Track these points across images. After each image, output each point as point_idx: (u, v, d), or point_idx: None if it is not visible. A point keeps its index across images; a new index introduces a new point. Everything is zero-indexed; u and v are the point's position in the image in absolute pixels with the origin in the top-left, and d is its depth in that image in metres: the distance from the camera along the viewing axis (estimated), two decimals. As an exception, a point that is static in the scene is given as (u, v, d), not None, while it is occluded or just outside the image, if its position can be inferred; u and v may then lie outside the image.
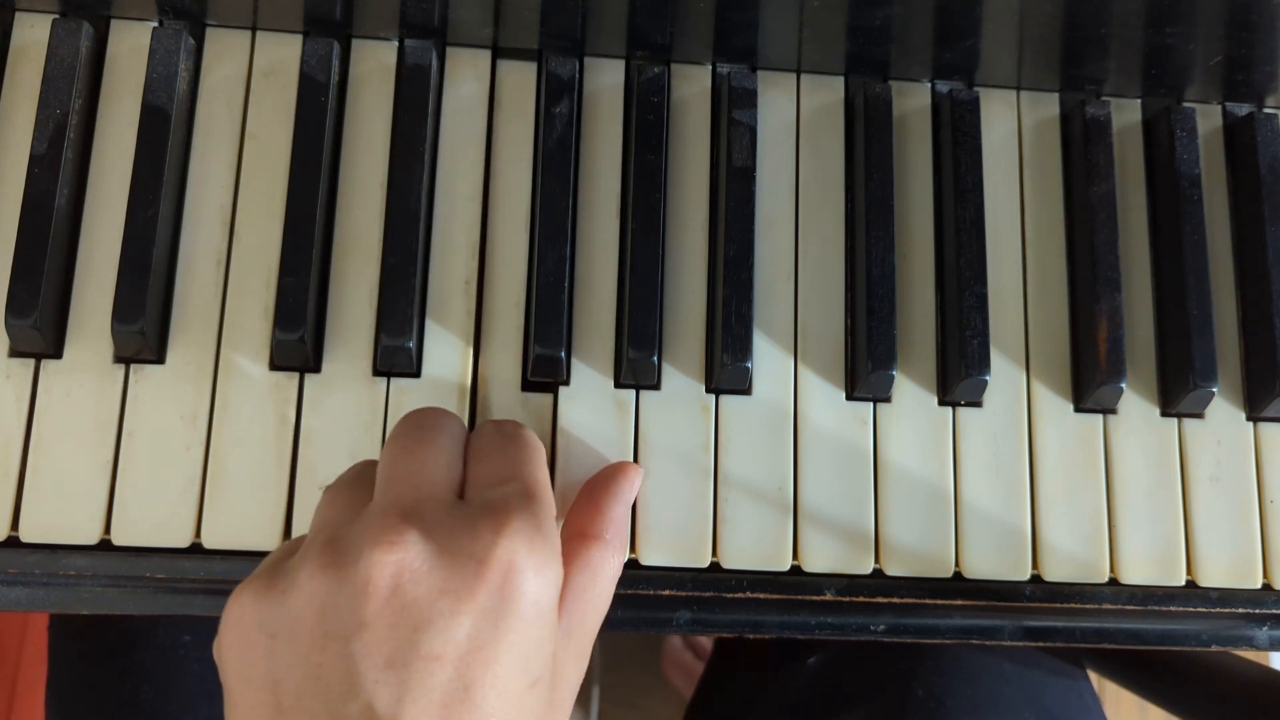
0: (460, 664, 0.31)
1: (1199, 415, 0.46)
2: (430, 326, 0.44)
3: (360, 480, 0.37)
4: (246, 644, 0.32)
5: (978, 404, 0.46)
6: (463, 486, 0.36)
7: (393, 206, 0.44)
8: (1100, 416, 0.46)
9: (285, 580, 0.32)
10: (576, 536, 0.38)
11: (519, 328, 0.44)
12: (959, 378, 0.44)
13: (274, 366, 0.43)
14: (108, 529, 0.42)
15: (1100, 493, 0.45)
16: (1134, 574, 0.45)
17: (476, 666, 0.31)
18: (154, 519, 0.42)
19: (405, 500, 0.33)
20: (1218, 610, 0.45)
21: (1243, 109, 0.50)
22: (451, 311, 0.44)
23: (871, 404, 0.45)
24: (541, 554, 0.33)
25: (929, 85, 0.49)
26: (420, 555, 0.31)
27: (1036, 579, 0.45)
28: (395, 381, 0.44)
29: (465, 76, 0.47)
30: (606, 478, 0.41)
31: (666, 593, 0.44)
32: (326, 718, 0.30)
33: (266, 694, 0.31)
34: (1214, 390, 0.45)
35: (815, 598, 0.44)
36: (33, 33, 0.45)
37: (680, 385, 0.44)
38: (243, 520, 0.42)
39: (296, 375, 0.43)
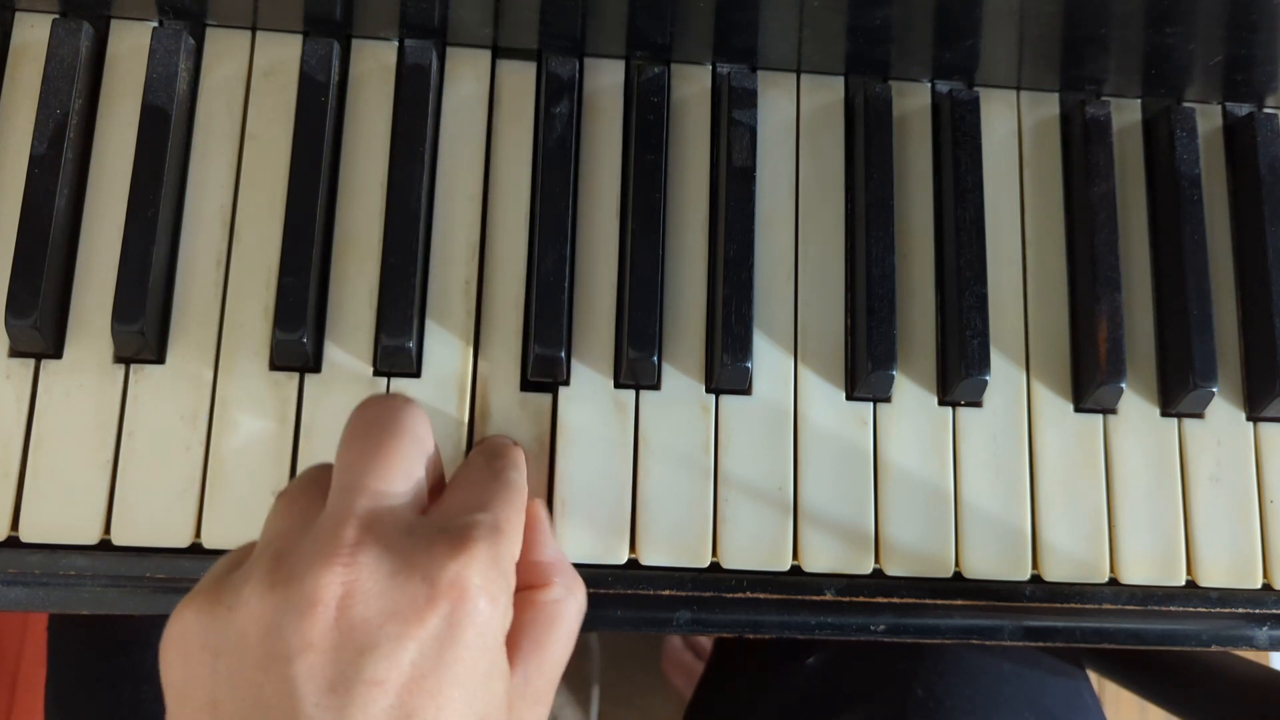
0: (403, 691, 0.29)
1: (1199, 415, 0.46)
2: (430, 326, 0.44)
3: (315, 486, 0.35)
4: (189, 662, 0.31)
5: (978, 404, 0.46)
6: (431, 505, 0.35)
7: (393, 206, 0.44)
8: (1100, 416, 0.46)
9: (231, 596, 0.31)
10: (527, 588, 0.37)
11: (519, 328, 0.44)
12: (959, 378, 0.44)
13: (274, 366, 0.43)
14: (108, 529, 0.42)
15: (1100, 493, 0.45)
16: (1134, 574, 0.45)
17: (420, 695, 0.29)
18: (154, 519, 0.42)
19: (360, 513, 0.32)
20: (1218, 610, 0.45)
21: (1243, 109, 0.50)
22: (451, 311, 0.44)
23: (871, 404, 0.45)
24: (495, 586, 0.32)
25: (929, 85, 0.49)
26: (371, 576, 0.30)
27: (1036, 579, 0.45)
28: (395, 381, 0.44)
29: (465, 76, 0.47)
30: (536, 524, 0.39)
31: (666, 593, 0.44)
32: None
33: (204, 714, 0.30)
34: (1214, 390, 0.45)
35: (815, 598, 0.44)
36: (33, 33, 0.45)
37: (680, 385, 0.44)
38: (243, 520, 0.42)
39: (296, 375, 0.43)
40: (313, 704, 0.29)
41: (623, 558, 0.43)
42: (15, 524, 0.41)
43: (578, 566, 0.43)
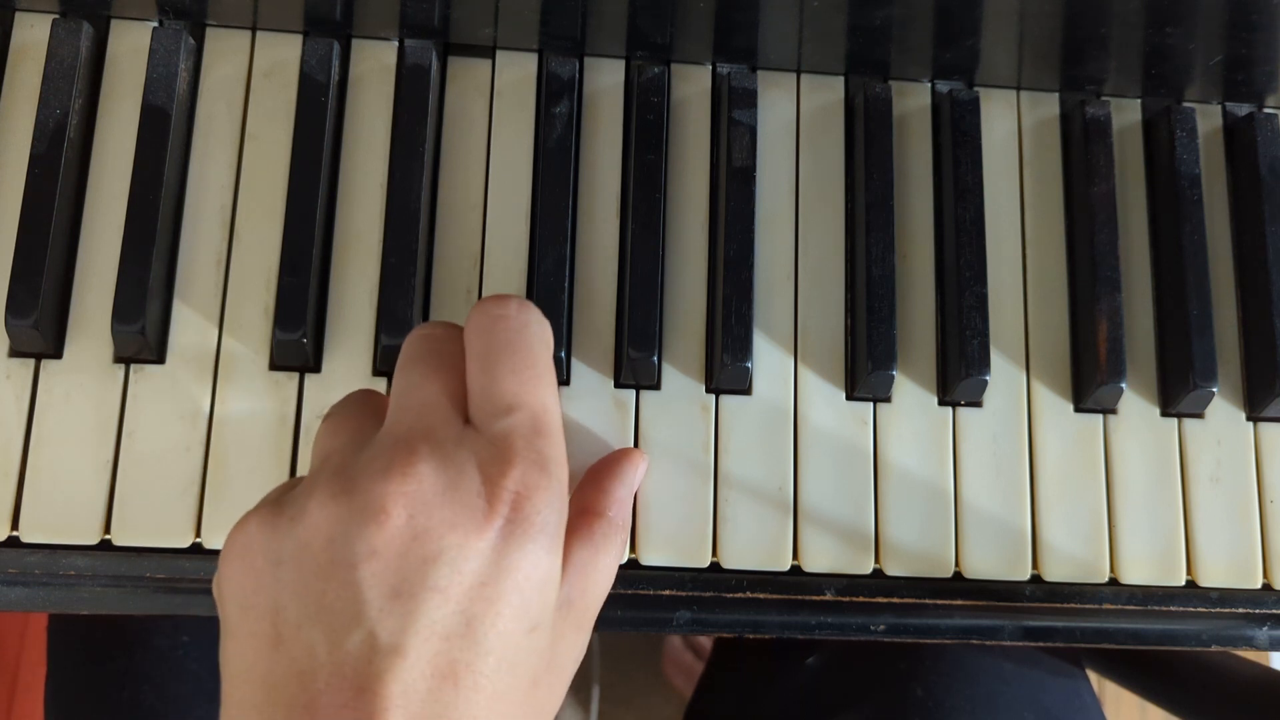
0: (464, 599, 0.31)
1: (1199, 415, 0.46)
2: (430, 326, 0.44)
3: (362, 408, 0.36)
4: (250, 572, 0.32)
5: (978, 404, 0.46)
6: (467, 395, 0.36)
7: (393, 206, 0.44)
8: (1100, 416, 0.46)
9: (293, 508, 0.32)
10: (580, 513, 0.38)
11: (519, 328, 0.44)
12: (959, 378, 0.44)
13: (274, 366, 0.43)
14: (108, 529, 0.42)
15: (1100, 493, 0.45)
16: (1134, 574, 0.45)
17: (480, 603, 0.31)
18: (154, 519, 0.42)
19: (418, 431, 0.33)
20: (1218, 610, 0.45)
21: (1243, 109, 0.50)
22: (452, 312, 0.44)
23: (871, 404, 0.45)
24: (547, 491, 0.33)
25: (929, 85, 0.49)
26: (432, 488, 0.31)
27: (1036, 579, 0.45)
28: (395, 381, 0.44)
29: (466, 77, 0.47)
30: (612, 461, 0.41)
31: (666, 593, 0.44)
32: (327, 646, 0.30)
33: (266, 623, 0.31)
34: (1214, 390, 0.45)
35: (815, 598, 0.44)
36: (33, 33, 0.45)
37: (680, 385, 0.44)
38: (243, 520, 0.42)
39: (296, 375, 0.43)
40: (377, 608, 0.30)
41: (622, 558, 0.43)
42: (15, 524, 0.41)
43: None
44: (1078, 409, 0.46)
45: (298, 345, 0.42)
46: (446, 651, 0.30)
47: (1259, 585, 0.45)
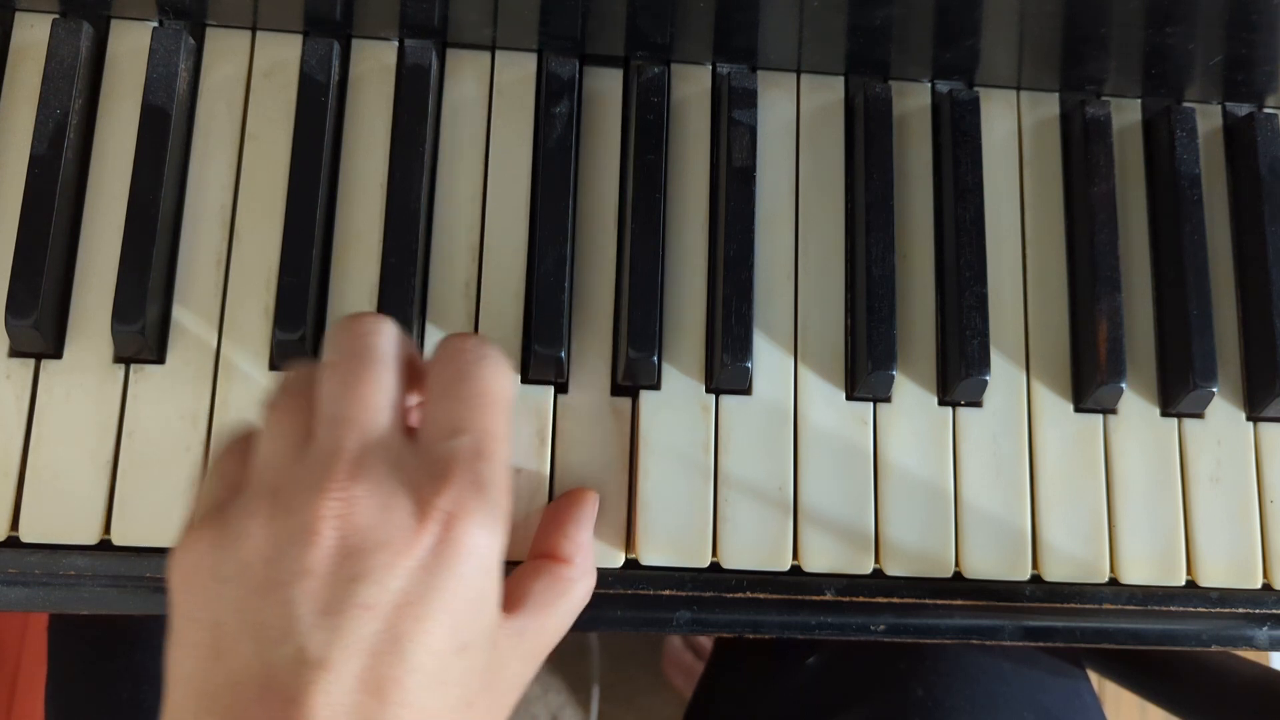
0: (392, 616, 0.31)
1: (1199, 415, 0.46)
2: (430, 327, 0.44)
3: (300, 400, 0.35)
4: (198, 587, 0.33)
5: (978, 404, 0.46)
6: (414, 419, 0.36)
7: (393, 206, 0.44)
8: (1100, 416, 0.46)
9: (237, 527, 0.33)
10: (547, 555, 0.39)
11: (519, 327, 0.44)
12: (959, 378, 0.44)
13: (274, 366, 0.43)
14: (108, 529, 0.42)
15: (1100, 493, 0.45)
16: (1134, 574, 0.45)
17: (407, 620, 0.31)
18: (154, 519, 0.42)
19: (350, 446, 0.33)
20: (1218, 610, 0.45)
21: (1243, 109, 0.50)
22: (452, 311, 0.44)
23: (871, 404, 0.45)
24: (481, 514, 0.33)
25: (929, 85, 0.49)
26: (364, 508, 0.32)
27: (1036, 579, 0.45)
28: (395, 381, 0.44)
29: (465, 76, 0.47)
30: (569, 503, 0.42)
31: (666, 593, 0.44)
32: (260, 660, 0.31)
33: (207, 634, 0.32)
34: (1214, 390, 0.45)
35: (815, 598, 0.44)
36: (33, 33, 0.45)
37: (680, 385, 0.44)
38: (243, 520, 0.42)
39: (296, 375, 0.43)
40: (308, 624, 0.31)
41: (621, 559, 0.43)
42: (15, 524, 0.41)
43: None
44: (1078, 409, 0.46)
45: (298, 345, 0.42)
46: (373, 667, 0.31)
47: (1259, 585, 0.45)
